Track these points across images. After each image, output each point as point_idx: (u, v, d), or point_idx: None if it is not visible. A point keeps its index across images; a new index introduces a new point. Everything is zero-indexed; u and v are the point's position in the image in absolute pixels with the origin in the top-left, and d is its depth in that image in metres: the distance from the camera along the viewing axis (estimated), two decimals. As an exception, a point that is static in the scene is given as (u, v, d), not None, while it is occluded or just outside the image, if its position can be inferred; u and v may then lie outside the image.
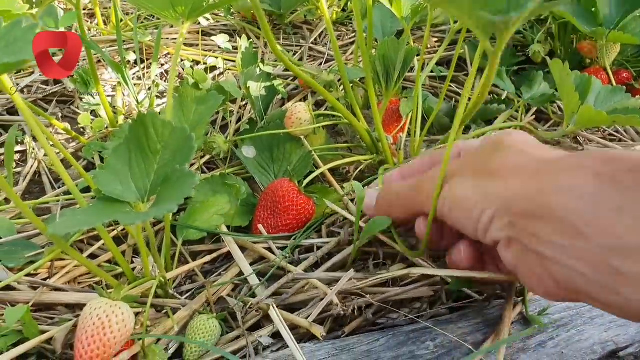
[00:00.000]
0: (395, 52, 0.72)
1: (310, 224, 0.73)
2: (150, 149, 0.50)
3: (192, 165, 0.87)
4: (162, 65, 1.18)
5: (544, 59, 1.06)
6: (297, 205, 0.72)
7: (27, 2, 0.77)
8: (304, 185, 0.75)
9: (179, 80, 1.09)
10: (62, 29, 0.91)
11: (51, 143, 0.64)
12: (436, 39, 1.22)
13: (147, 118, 0.50)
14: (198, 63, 1.16)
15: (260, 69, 0.93)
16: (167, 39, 1.24)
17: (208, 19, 1.31)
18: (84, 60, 1.10)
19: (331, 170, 0.83)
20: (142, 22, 1.35)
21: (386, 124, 0.88)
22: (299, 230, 0.73)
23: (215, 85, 0.83)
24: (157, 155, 0.50)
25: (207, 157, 0.88)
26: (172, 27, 1.30)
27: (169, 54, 1.21)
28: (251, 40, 1.00)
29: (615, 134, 0.96)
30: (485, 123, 0.96)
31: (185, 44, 1.22)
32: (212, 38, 1.13)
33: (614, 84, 0.98)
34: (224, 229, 0.72)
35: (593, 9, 1.01)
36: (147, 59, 1.18)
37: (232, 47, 1.17)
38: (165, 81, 1.14)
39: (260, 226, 0.73)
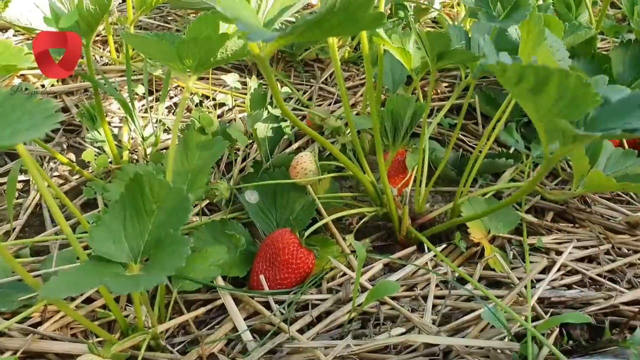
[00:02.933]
0: (404, 109, 0.71)
1: (309, 279, 0.72)
2: (145, 209, 0.49)
3: (194, 206, 0.86)
4: (172, 97, 1.18)
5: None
6: (297, 259, 0.71)
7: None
8: (305, 236, 0.74)
9: (187, 120, 1.09)
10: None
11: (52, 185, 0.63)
12: (446, 84, 1.21)
13: (143, 178, 0.49)
14: (207, 97, 1.16)
15: (268, 112, 0.92)
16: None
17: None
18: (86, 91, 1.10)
19: (334, 220, 0.82)
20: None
21: (392, 175, 0.87)
22: (298, 286, 0.72)
23: (221, 129, 0.82)
24: (151, 216, 0.49)
25: (210, 199, 0.87)
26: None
27: (178, 86, 1.21)
28: (260, 81, 0.99)
29: (624, 195, 0.95)
30: (492, 177, 0.94)
31: (195, 78, 1.21)
32: (222, 77, 1.13)
33: (626, 145, 0.96)
34: (220, 280, 0.70)
35: (606, 66, 0.99)
36: (157, 90, 1.17)
37: (242, 83, 1.17)
38: (174, 114, 1.14)
39: (261, 277, 0.71)
